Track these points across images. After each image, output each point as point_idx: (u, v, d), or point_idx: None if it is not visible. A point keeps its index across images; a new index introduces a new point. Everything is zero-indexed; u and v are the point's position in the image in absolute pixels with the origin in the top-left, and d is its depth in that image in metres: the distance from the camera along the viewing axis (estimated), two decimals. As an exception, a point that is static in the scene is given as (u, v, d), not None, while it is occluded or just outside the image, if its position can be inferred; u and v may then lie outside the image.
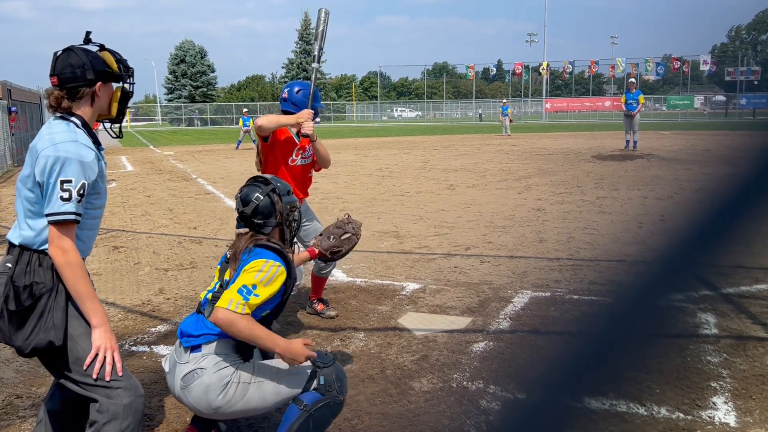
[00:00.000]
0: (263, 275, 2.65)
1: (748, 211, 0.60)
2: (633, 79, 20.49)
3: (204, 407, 2.65)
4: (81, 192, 2.43)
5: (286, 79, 77.04)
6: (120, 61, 2.65)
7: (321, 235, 3.48)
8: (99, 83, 2.56)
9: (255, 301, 2.60)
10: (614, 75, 69.27)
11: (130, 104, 2.79)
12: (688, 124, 42.75)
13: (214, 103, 70.97)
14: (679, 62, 66.45)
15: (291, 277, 2.80)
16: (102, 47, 2.65)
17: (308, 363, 2.75)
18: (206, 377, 2.63)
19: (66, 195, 2.40)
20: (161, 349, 4.32)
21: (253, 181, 2.95)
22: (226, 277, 2.78)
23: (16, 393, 3.64)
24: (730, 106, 62.24)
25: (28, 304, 2.41)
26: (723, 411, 3.22)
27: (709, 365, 3.77)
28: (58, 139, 2.45)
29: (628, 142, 19.61)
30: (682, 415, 3.19)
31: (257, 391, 2.68)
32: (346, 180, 14.16)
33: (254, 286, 2.61)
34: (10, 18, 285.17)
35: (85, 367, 2.43)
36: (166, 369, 2.82)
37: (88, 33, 2.62)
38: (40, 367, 4.00)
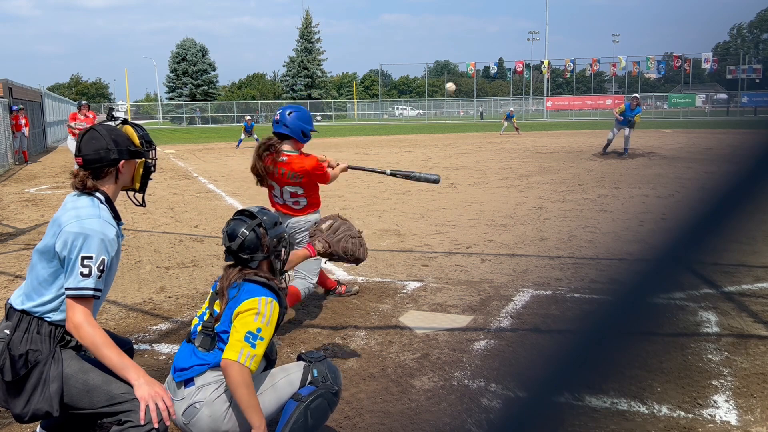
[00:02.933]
0: (262, 318, 2.62)
1: (749, 210, 0.60)
2: (637, 95, 19.23)
3: None
4: (101, 268, 2.50)
5: (287, 78, 77.05)
6: (142, 137, 2.74)
7: (314, 234, 3.49)
8: (122, 161, 2.66)
9: (261, 345, 2.59)
10: (616, 73, 69.21)
11: (131, 102, 2.83)
12: (689, 123, 42.71)
13: (216, 102, 70.97)
14: (680, 60, 66.39)
15: (283, 306, 2.78)
16: (125, 122, 2.74)
17: (300, 362, 2.80)
18: (207, 408, 2.61)
19: (86, 271, 2.47)
20: (162, 347, 4.32)
21: (239, 215, 2.89)
22: (216, 308, 2.74)
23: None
24: (731, 104, 62.16)
25: (23, 373, 2.43)
26: (724, 409, 3.22)
27: (710, 363, 3.77)
28: (83, 215, 2.54)
29: (607, 145, 18.34)
30: (683, 413, 3.19)
31: (260, 404, 2.65)
32: (347, 178, 14.16)
33: (259, 330, 2.59)
34: (13, 16, 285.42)
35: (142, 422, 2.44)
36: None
37: (110, 110, 2.71)
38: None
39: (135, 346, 4.33)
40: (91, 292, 2.47)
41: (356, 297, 5.30)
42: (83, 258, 2.47)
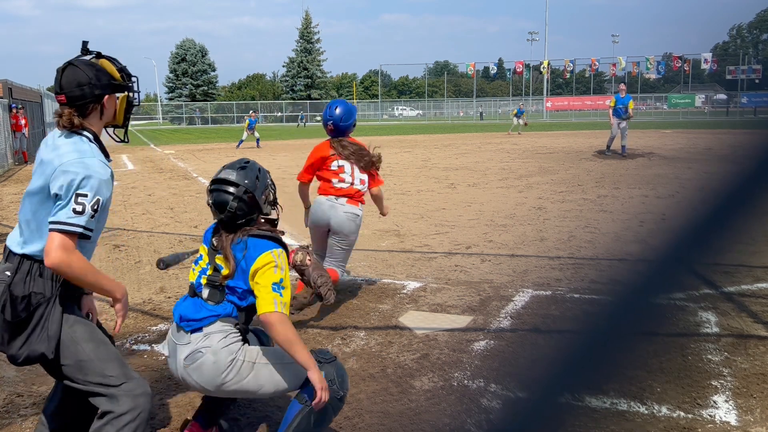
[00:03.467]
0: (281, 269, 2.71)
1: (749, 210, 0.60)
2: (623, 83, 19.11)
3: (209, 383, 2.66)
4: (95, 208, 2.43)
5: (287, 78, 77.05)
6: (121, 69, 2.64)
7: (304, 249, 3.53)
8: (106, 96, 2.57)
9: (287, 293, 2.69)
10: (615, 73, 69.21)
11: None
12: (689, 123, 42.72)
13: (215, 102, 70.96)
14: (680, 61, 66.42)
15: (287, 252, 2.86)
16: (99, 55, 2.63)
17: None
18: (212, 354, 2.64)
19: (79, 208, 2.40)
20: (162, 348, 4.32)
21: (218, 185, 2.87)
22: (221, 264, 2.75)
23: (17, 392, 3.65)
24: (731, 104, 62.20)
25: (24, 315, 2.40)
26: (724, 409, 3.22)
27: (710, 364, 3.77)
28: (82, 154, 2.47)
29: (609, 145, 18.41)
30: (683, 413, 3.19)
31: (262, 371, 2.70)
32: (346, 179, 14.16)
33: (281, 280, 2.68)
34: (13, 16, 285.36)
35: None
36: (166, 353, 2.86)
37: (85, 43, 2.61)
38: (40, 366, 4.01)
39: (135, 347, 4.35)
40: (80, 230, 2.39)
41: (356, 297, 5.30)
42: (78, 195, 2.40)
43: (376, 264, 6.41)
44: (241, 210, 2.78)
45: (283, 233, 2.96)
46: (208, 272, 2.80)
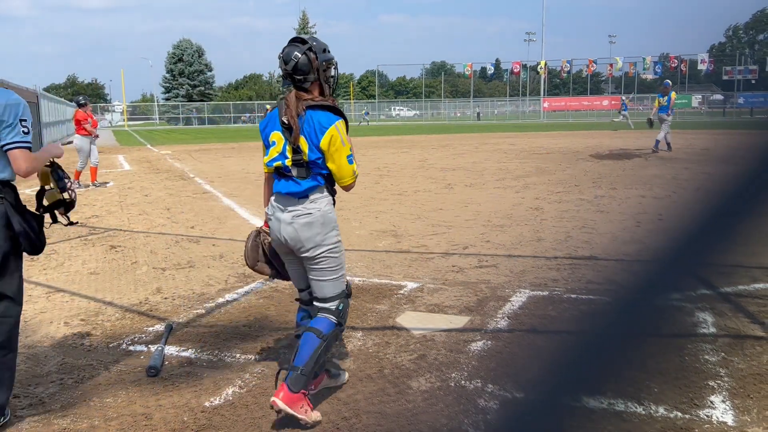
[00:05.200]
0: (346, 139, 3.21)
1: (746, 210, 0.60)
2: (669, 81, 19.59)
3: (310, 240, 3.16)
4: (30, 129, 3.28)
5: (281, 78, 76.86)
6: None
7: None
8: None
9: (354, 157, 3.28)
10: (612, 74, 69.36)
11: (127, 103, 2.92)
12: (686, 123, 42.81)
13: (212, 102, 70.90)
14: (677, 61, 66.57)
15: (346, 121, 3.29)
16: None
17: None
18: (320, 216, 3.18)
19: (25, 130, 3.24)
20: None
21: (293, 42, 3.26)
22: (300, 144, 3.15)
23: (14, 393, 3.63)
24: (727, 104, 62.34)
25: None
26: (721, 410, 3.23)
27: (707, 364, 3.78)
28: (8, 91, 3.35)
29: (658, 142, 18.56)
30: (680, 414, 3.19)
31: (342, 256, 3.29)
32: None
33: (350, 149, 3.23)
34: (9, 16, 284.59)
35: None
36: (272, 222, 3.29)
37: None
38: (37, 366, 4.00)
39: (131, 347, 4.34)
40: (31, 145, 3.25)
41: (353, 298, 5.29)
42: (21, 121, 3.23)
43: (373, 264, 6.41)
44: (302, 64, 3.18)
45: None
46: (288, 154, 3.20)
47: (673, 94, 18.02)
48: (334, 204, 3.31)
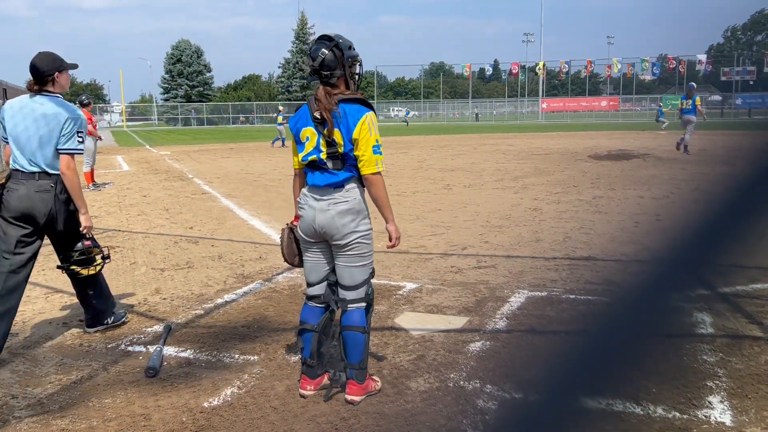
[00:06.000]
0: (375, 128, 3.36)
1: (744, 211, 0.60)
2: (693, 84, 19.71)
3: (346, 227, 3.31)
4: (84, 138, 4.32)
5: (282, 79, 77.01)
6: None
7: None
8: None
9: (382, 148, 3.40)
10: (611, 75, 69.43)
11: (126, 104, 2.95)
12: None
13: (211, 103, 70.86)
14: (675, 62, 66.64)
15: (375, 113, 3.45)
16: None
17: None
18: (356, 204, 3.34)
19: (80, 139, 4.25)
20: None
21: (320, 39, 3.41)
22: (337, 138, 3.30)
23: (12, 393, 3.63)
24: (725, 105, 62.42)
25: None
26: (719, 410, 3.23)
27: (705, 364, 3.78)
28: (70, 107, 4.30)
29: (678, 144, 18.30)
30: (678, 414, 3.20)
31: (372, 244, 3.46)
32: (342, 180, 14.15)
33: (377, 140, 3.36)
34: (9, 17, 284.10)
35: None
36: (306, 211, 3.41)
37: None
38: (36, 367, 4.00)
39: (130, 348, 4.33)
40: (82, 151, 4.30)
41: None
42: (78, 132, 4.22)
43: (372, 265, 6.40)
44: (329, 60, 3.32)
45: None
46: (322, 147, 3.34)
47: (698, 99, 17.97)
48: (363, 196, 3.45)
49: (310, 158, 3.38)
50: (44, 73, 4.18)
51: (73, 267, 4.43)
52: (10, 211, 4.07)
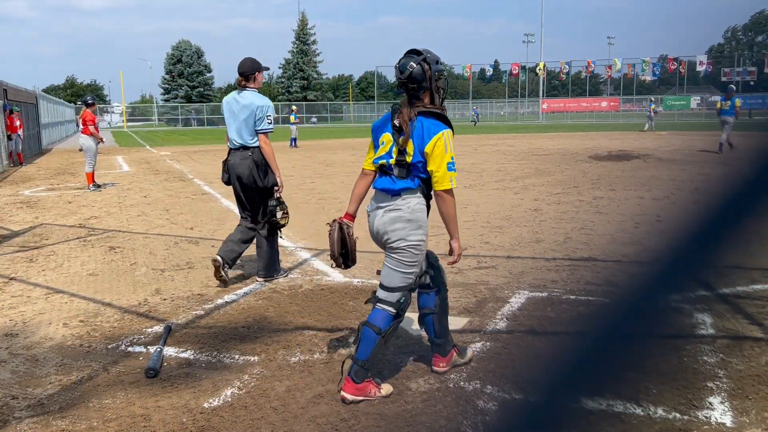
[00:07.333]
0: (451, 146, 3.45)
1: (744, 212, 0.60)
2: (733, 86, 19.91)
3: (396, 235, 3.42)
4: (273, 120, 5.70)
5: (282, 80, 77.02)
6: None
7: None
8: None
9: (455, 165, 3.49)
10: (611, 75, 69.43)
11: (126, 104, 2.90)
12: (684, 125, 42.86)
13: (211, 104, 70.85)
14: (675, 63, 66.63)
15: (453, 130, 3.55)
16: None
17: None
18: (408, 213, 3.44)
19: (270, 120, 5.64)
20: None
21: (409, 53, 3.51)
22: (406, 147, 3.42)
23: (12, 394, 3.63)
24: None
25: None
26: (719, 411, 3.23)
27: (705, 365, 3.78)
28: (262, 97, 5.69)
29: (722, 145, 18.24)
30: (678, 415, 3.19)
31: (421, 257, 3.52)
32: (343, 180, 14.15)
33: (452, 157, 3.45)
34: (9, 17, 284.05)
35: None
36: (370, 217, 3.59)
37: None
38: (35, 368, 4.00)
39: (130, 348, 4.33)
40: (272, 130, 5.70)
41: (352, 299, 5.30)
42: (267, 116, 5.59)
43: (372, 265, 6.40)
44: (417, 73, 3.42)
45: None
46: (393, 154, 3.48)
47: (737, 101, 18.24)
48: (428, 208, 3.55)
49: (380, 162, 3.55)
50: (247, 74, 5.63)
51: (274, 219, 5.68)
52: (229, 174, 5.69)
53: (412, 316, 4.85)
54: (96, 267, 6.64)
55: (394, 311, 3.49)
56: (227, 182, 5.76)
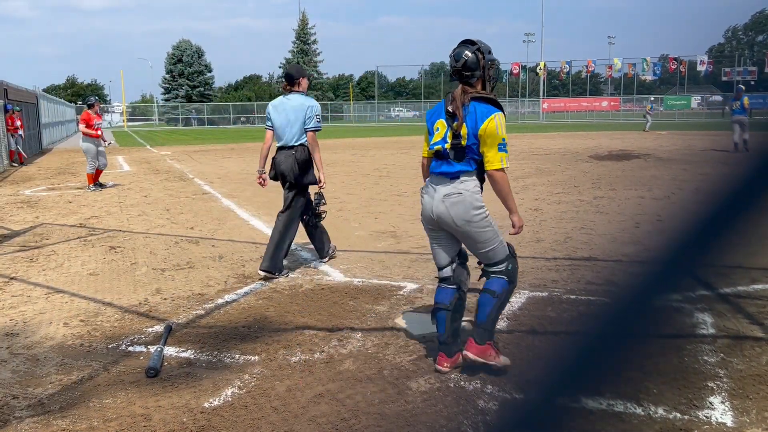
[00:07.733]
0: (503, 128, 3.57)
1: (745, 212, 0.60)
2: (742, 86, 20.26)
3: (460, 217, 3.59)
4: (320, 119, 6.10)
5: (282, 80, 76.96)
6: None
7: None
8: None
9: (508, 147, 3.62)
10: (611, 75, 69.38)
11: (127, 104, 2.89)
12: (685, 124, 42.86)
13: (211, 103, 70.87)
14: (676, 62, 66.59)
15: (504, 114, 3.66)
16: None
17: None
18: (468, 195, 3.60)
19: (318, 120, 6.06)
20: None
21: (464, 43, 3.71)
22: (462, 131, 3.57)
23: (13, 393, 3.63)
24: (726, 106, 62.39)
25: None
26: (720, 411, 3.23)
27: (706, 365, 3.78)
28: (310, 99, 6.12)
29: (737, 144, 18.25)
30: (679, 415, 3.19)
31: (494, 228, 3.66)
32: (343, 180, 14.16)
33: (503, 139, 3.57)
34: (10, 17, 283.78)
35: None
36: (425, 199, 3.79)
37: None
38: (36, 367, 4.00)
39: (130, 348, 4.33)
40: (320, 128, 6.11)
41: (352, 299, 5.30)
42: (316, 115, 6.02)
43: (372, 265, 6.41)
44: (471, 62, 3.62)
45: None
46: (448, 139, 3.63)
47: (745, 99, 18.66)
48: (482, 190, 3.70)
49: (435, 147, 3.70)
50: (293, 78, 6.17)
51: (318, 210, 6.27)
52: (275, 170, 6.11)
53: (416, 315, 4.86)
54: (96, 267, 6.65)
55: (507, 278, 3.68)
56: (274, 178, 6.17)
